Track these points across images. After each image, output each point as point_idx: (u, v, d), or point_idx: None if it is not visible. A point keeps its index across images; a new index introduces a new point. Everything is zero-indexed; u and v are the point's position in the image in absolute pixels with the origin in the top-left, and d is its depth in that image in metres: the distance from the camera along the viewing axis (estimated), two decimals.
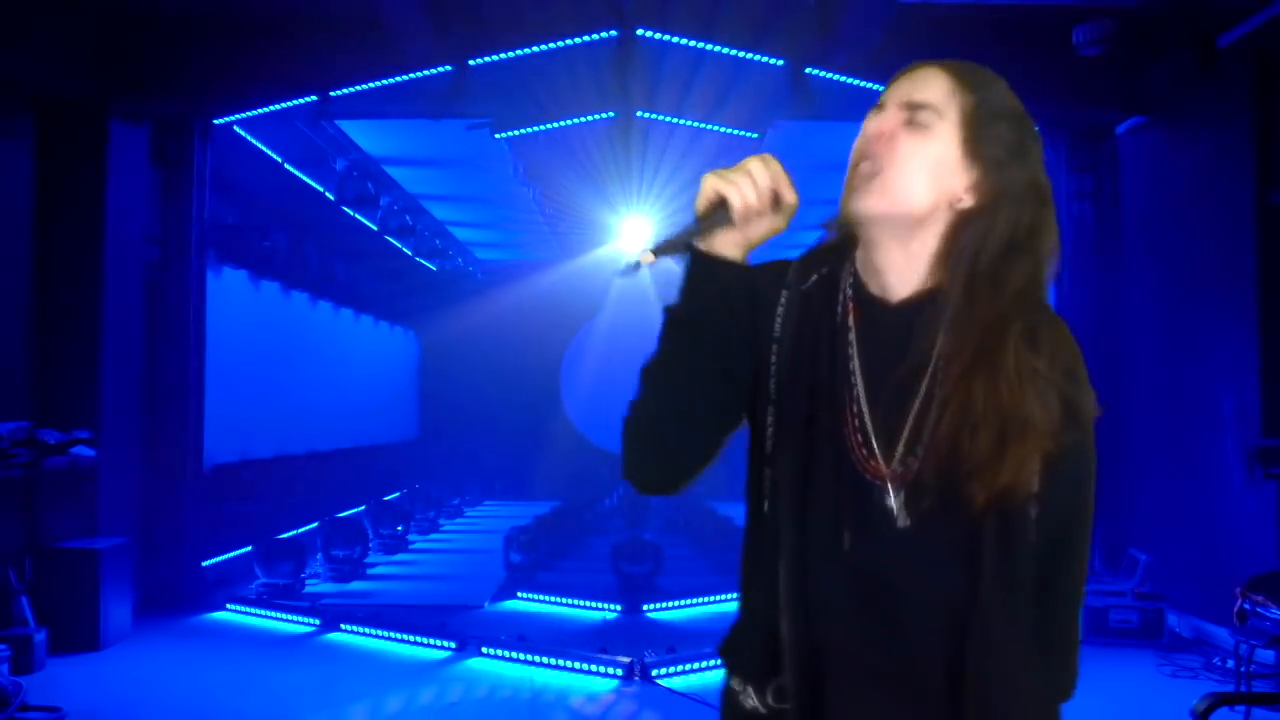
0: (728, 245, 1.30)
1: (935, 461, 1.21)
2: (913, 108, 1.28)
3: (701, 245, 1.29)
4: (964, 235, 1.25)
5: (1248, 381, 6.02)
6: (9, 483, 6.04)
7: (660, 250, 1.27)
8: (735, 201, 1.25)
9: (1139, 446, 7.31)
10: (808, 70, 6.76)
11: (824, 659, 1.24)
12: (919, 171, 1.26)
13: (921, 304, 1.27)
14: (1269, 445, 5.68)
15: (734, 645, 1.36)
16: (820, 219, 1.40)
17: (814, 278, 1.34)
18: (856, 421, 1.26)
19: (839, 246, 1.36)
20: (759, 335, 1.32)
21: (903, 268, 1.28)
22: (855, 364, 1.28)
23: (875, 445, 1.25)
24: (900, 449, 1.24)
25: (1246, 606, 4.49)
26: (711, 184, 1.27)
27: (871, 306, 1.30)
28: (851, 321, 1.29)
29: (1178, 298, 6.84)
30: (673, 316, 1.31)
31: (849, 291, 1.31)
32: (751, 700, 1.31)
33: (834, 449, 1.27)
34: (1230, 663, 5.40)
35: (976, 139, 1.26)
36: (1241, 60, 6.10)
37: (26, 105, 6.56)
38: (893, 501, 1.23)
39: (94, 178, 6.72)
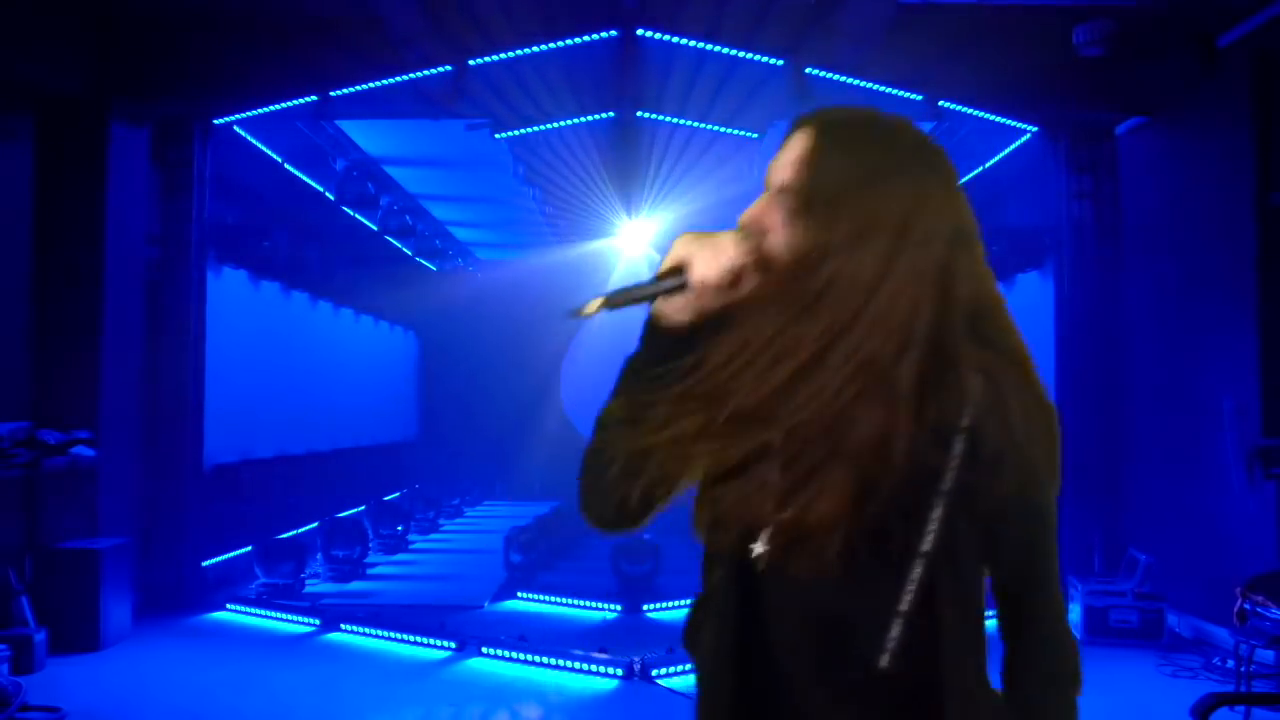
0: (683, 309, 1.28)
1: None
2: (782, 192, 1.25)
3: (655, 305, 1.29)
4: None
5: (1248, 381, 6.02)
6: (9, 483, 6.04)
7: (612, 301, 1.26)
8: (696, 271, 1.24)
9: (1139, 446, 7.31)
10: (808, 70, 6.76)
11: (782, 685, 1.29)
12: None
13: None
14: (1269, 445, 5.68)
15: (692, 642, 1.39)
16: None
17: None
18: None
19: None
20: None
21: None
22: None
23: None
24: None
25: (1246, 606, 4.49)
26: (682, 246, 1.26)
27: None
28: None
29: (1178, 298, 6.83)
30: (628, 369, 1.32)
31: None
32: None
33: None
34: (1230, 663, 5.40)
35: (831, 214, 1.21)
36: (1241, 60, 6.10)
37: (26, 105, 6.56)
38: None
39: (94, 178, 6.72)
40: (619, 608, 7.36)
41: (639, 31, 6.49)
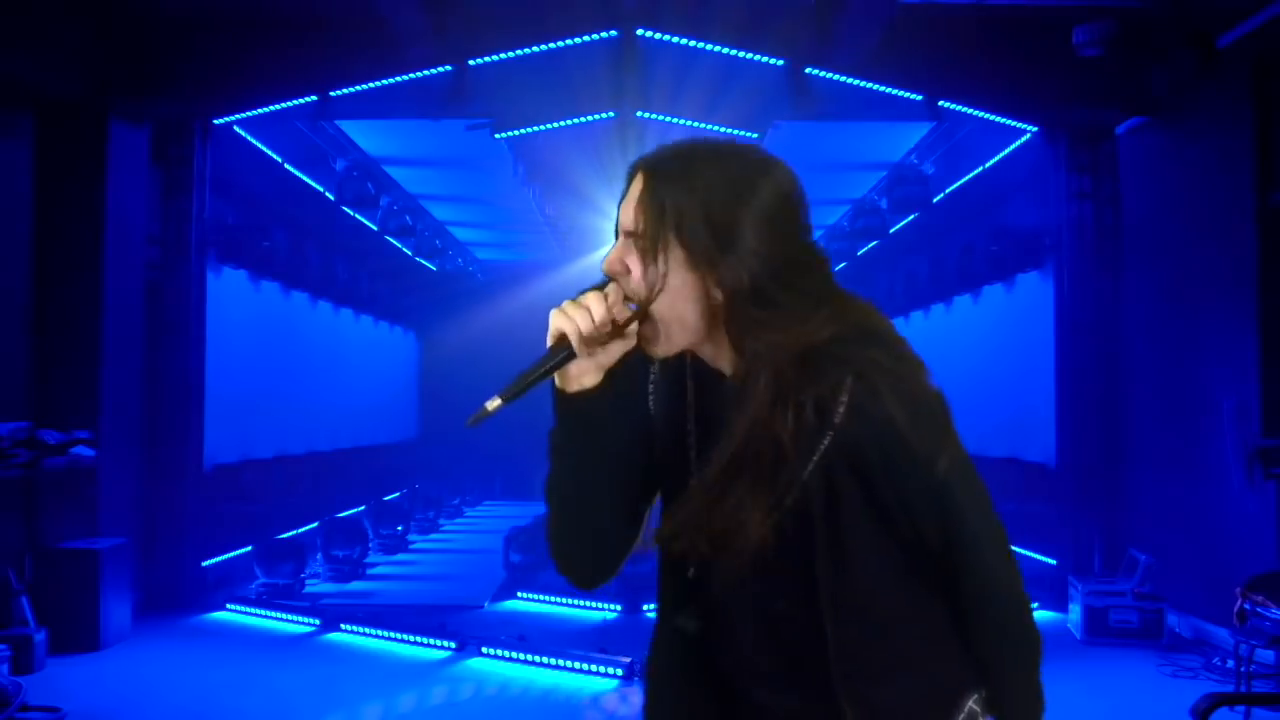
0: (585, 372, 1.33)
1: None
2: (629, 236, 1.31)
3: (557, 380, 1.34)
4: (726, 319, 1.29)
5: (1248, 381, 6.02)
6: (9, 483, 6.04)
7: (508, 395, 1.30)
8: (573, 338, 1.29)
9: (1139, 446, 7.31)
10: (807, 70, 6.76)
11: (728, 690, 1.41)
12: (666, 298, 1.28)
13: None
14: (1269, 445, 5.68)
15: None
16: (821, 220, 1.42)
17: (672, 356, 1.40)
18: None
19: None
20: (646, 416, 1.42)
21: (719, 354, 1.33)
22: (693, 439, 1.37)
23: None
24: None
25: (1246, 606, 4.49)
26: (553, 320, 1.31)
27: (710, 382, 1.36)
28: (691, 399, 1.38)
29: (1177, 298, 6.83)
30: (553, 446, 1.39)
31: (689, 371, 1.39)
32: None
33: None
34: (1230, 663, 5.40)
35: (682, 243, 1.27)
36: (1241, 60, 6.10)
37: (26, 105, 6.56)
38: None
39: (94, 178, 6.72)
40: (619, 608, 7.36)
41: (639, 31, 6.49)
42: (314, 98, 7.02)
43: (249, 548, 8.01)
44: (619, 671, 5.70)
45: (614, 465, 1.37)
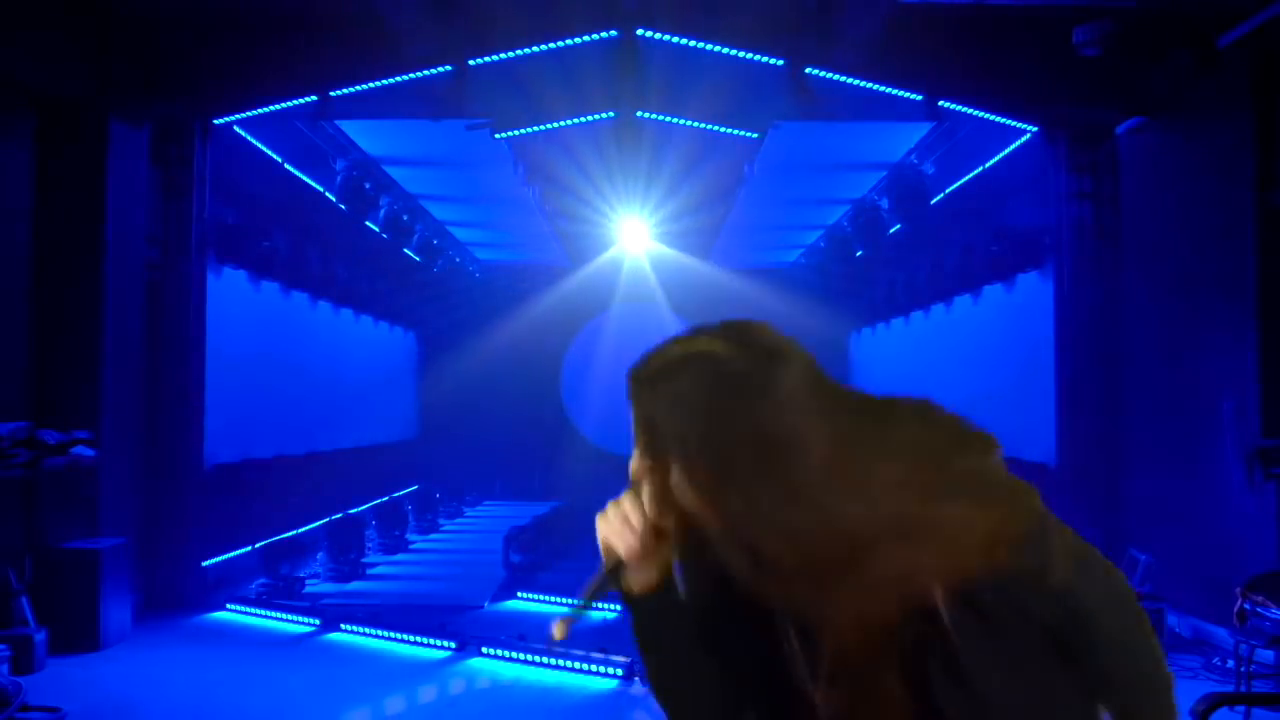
0: (642, 575, 1.30)
1: None
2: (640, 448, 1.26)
3: (623, 587, 1.31)
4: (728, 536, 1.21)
5: (1247, 382, 6.02)
6: (9, 483, 6.04)
7: (577, 613, 1.30)
8: (620, 551, 1.28)
9: (1139, 446, 7.31)
10: (808, 70, 6.76)
11: None
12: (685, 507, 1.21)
13: None
14: (1269, 445, 5.68)
15: None
16: (821, 219, 1.38)
17: None
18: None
19: None
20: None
21: None
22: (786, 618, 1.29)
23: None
24: None
25: (1246, 606, 4.50)
26: (598, 528, 1.28)
27: None
28: None
29: (1177, 298, 6.83)
30: (639, 644, 1.35)
31: None
32: None
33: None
34: (1230, 663, 5.41)
35: (674, 460, 1.17)
36: (1241, 60, 6.10)
37: (26, 105, 6.56)
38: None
39: (94, 178, 6.73)
40: (619, 608, 7.35)
41: (639, 31, 6.49)
42: (314, 98, 7.03)
43: (249, 548, 8.01)
44: (619, 671, 5.70)
45: (715, 658, 1.31)
